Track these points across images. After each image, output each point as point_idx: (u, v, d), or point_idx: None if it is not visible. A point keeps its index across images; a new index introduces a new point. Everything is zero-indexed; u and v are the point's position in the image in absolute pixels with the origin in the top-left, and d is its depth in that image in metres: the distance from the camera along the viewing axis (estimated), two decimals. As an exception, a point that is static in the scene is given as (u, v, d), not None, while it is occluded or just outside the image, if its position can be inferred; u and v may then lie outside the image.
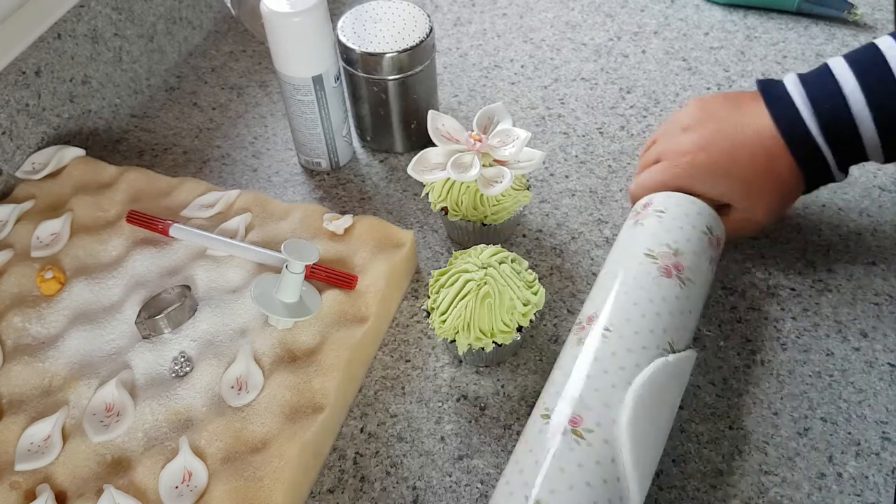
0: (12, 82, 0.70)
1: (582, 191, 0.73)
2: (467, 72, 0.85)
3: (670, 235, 0.55)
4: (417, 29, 0.70)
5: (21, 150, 0.73)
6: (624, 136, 0.77)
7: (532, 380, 0.60)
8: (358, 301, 0.61)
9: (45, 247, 0.66)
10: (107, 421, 0.55)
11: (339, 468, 0.56)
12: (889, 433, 0.55)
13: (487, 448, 0.56)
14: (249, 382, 0.56)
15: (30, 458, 0.53)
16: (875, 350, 0.60)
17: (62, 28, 0.74)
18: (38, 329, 0.61)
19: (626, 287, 0.53)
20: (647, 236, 0.56)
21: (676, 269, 0.54)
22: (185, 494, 0.51)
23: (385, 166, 0.76)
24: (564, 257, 0.67)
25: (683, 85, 0.82)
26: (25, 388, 0.58)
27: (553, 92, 0.82)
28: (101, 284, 0.63)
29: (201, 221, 0.67)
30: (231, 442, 0.54)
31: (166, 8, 0.86)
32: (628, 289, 0.53)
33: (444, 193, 0.64)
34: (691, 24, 0.89)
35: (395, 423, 0.58)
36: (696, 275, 0.54)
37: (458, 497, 0.54)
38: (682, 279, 0.53)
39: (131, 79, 0.84)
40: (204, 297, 0.62)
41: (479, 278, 0.55)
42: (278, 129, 0.81)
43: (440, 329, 0.57)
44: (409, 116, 0.74)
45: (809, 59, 0.83)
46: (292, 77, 0.68)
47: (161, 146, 0.80)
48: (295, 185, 0.75)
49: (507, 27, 0.91)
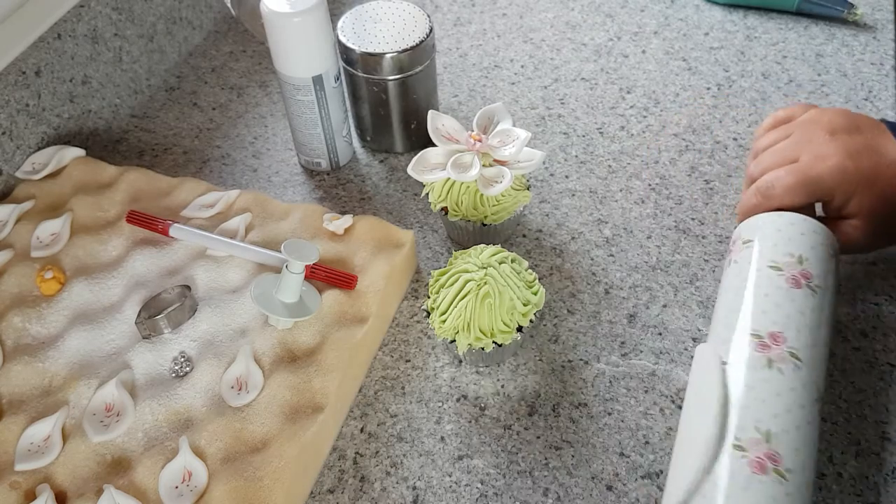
0: (12, 82, 0.70)
1: (582, 191, 0.73)
2: (467, 72, 0.85)
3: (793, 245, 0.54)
4: (417, 29, 0.70)
5: (21, 150, 0.73)
6: (624, 136, 0.77)
7: (532, 380, 0.60)
8: (358, 301, 0.61)
9: (45, 247, 0.66)
10: (107, 421, 0.55)
11: (339, 468, 0.56)
12: (889, 433, 0.55)
13: (487, 448, 0.56)
14: (249, 382, 0.56)
15: (30, 458, 0.53)
16: (875, 350, 0.60)
17: (62, 28, 0.74)
18: (38, 329, 0.61)
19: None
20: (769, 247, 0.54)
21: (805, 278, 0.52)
22: (185, 494, 0.51)
23: (385, 166, 0.76)
24: (564, 257, 0.67)
25: (683, 85, 0.82)
26: (25, 388, 0.58)
27: (553, 92, 0.82)
28: (101, 284, 0.63)
29: (201, 221, 0.67)
30: (231, 442, 0.54)
31: (166, 8, 0.86)
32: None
33: (444, 193, 0.64)
34: (691, 24, 0.89)
35: (395, 423, 0.58)
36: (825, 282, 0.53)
37: (458, 497, 0.54)
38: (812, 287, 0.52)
39: (131, 79, 0.84)
40: (204, 297, 0.62)
41: (479, 278, 0.55)
42: (278, 129, 0.81)
43: (440, 329, 0.57)
44: (409, 116, 0.74)
45: (809, 59, 0.83)
46: (292, 77, 0.68)
47: (161, 146, 0.80)
48: (295, 185, 0.75)
49: (507, 27, 0.91)
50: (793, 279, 0.52)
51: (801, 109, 0.63)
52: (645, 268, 0.66)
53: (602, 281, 0.66)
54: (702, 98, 0.80)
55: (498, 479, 0.54)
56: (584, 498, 0.53)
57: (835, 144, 0.58)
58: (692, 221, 0.69)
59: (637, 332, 0.62)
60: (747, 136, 0.76)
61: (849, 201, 0.58)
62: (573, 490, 0.54)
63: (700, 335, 0.61)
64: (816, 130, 0.60)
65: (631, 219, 0.70)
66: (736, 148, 0.75)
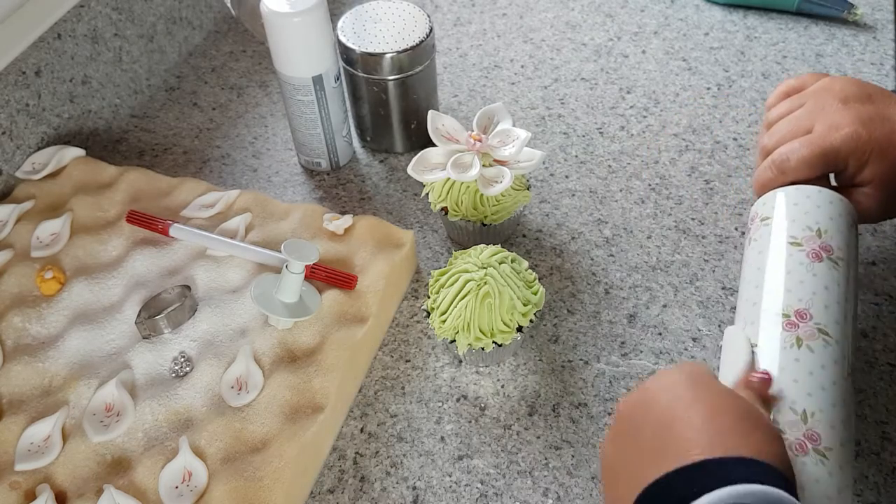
0: (12, 82, 0.70)
1: (582, 191, 0.73)
2: (467, 72, 0.85)
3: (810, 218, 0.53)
4: (417, 29, 0.70)
5: (21, 150, 0.73)
6: (624, 136, 0.77)
7: (532, 380, 0.60)
8: (358, 301, 0.61)
9: (45, 247, 0.66)
10: (107, 421, 0.55)
11: (339, 468, 0.56)
12: (889, 433, 0.55)
13: (487, 448, 0.56)
14: (249, 382, 0.56)
15: (30, 458, 0.53)
16: (875, 350, 0.60)
17: (62, 28, 0.74)
18: (38, 329, 0.61)
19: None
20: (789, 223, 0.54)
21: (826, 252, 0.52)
22: (185, 494, 0.51)
23: (385, 166, 0.76)
24: (564, 257, 0.67)
25: (683, 85, 0.82)
26: (25, 388, 0.58)
27: (553, 92, 0.82)
28: (101, 284, 0.63)
29: (201, 221, 0.67)
30: (231, 442, 0.54)
31: (166, 8, 0.86)
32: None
33: (444, 193, 0.64)
34: (691, 24, 0.89)
35: (395, 423, 0.58)
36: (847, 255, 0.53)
37: (458, 497, 0.54)
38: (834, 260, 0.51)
39: (131, 79, 0.84)
40: (204, 297, 0.62)
41: (479, 278, 0.55)
42: (278, 129, 0.81)
43: (440, 329, 0.57)
44: (409, 116, 0.74)
45: (809, 59, 0.83)
46: (292, 77, 0.68)
47: (161, 146, 0.80)
48: (295, 185, 0.75)
49: (507, 27, 0.91)
50: (814, 254, 0.51)
51: (811, 78, 0.63)
52: (645, 268, 0.66)
53: (602, 281, 0.66)
54: (702, 98, 0.80)
55: (498, 479, 0.54)
56: (584, 498, 0.53)
57: (848, 113, 0.58)
58: (692, 221, 0.69)
59: (637, 332, 0.62)
60: (747, 136, 0.76)
61: (862, 169, 0.57)
62: (573, 490, 0.54)
63: (700, 335, 0.61)
64: (829, 99, 0.59)
65: (631, 219, 0.70)
66: (736, 148, 0.75)
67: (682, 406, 0.40)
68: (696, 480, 0.36)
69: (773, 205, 0.55)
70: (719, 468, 0.36)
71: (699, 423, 0.39)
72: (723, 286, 0.64)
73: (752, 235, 0.56)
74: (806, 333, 0.48)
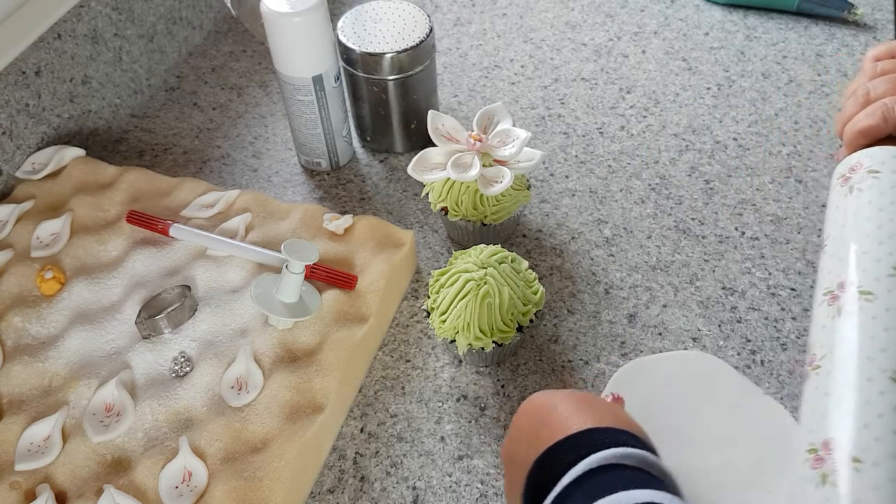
0: (12, 82, 0.70)
1: (582, 191, 0.73)
2: (467, 72, 0.85)
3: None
4: (417, 29, 0.70)
5: (21, 150, 0.73)
6: (624, 136, 0.77)
7: (532, 380, 0.60)
8: (358, 301, 0.61)
9: (45, 247, 0.66)
10: (107, 421, 0.55)
11: (339, 468, 0.56)
12: (889, 433, 0.55)
13: (487, 448, 0.56)
14: (249, 382, 0.56)
15: (30, 458, 0.53)
16: (875, 350, 0.60)
17: (62, 28, 0.74)
18: (38, 329, 0.61)
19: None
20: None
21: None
22: (185, 494, 0.51)
23: (385, 166, 0.76)
24: (564, 257, 0.67)
25: (683, 85, 0.82)
26: (25, 388, 0.58)
27: (553, 92, 0.82)
28: (101, 284, 0.63)
29: (201, 221, 0.67)
30: (231, 442, 0.54)
31: (166, 8, 0.86)
32: None
33: (444, 193, 0.64)
34: (691, 24, 0.89)
35: (395, 423, 0.58)
36: None
37: (458, 497, 0.54)
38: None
39: (131, 79, 0.84)
40: (204, 297, 0.62)
41: (479, 278, 0.55)
42: (278, 129, 0.81)
43: (440, 329, 0.57)
44: (409, 116, 0.74)
45: (809, 59, 0.83)
46: (292, 77, 0.68)
47: (161, 146, 0.80)
48: (295, 185, 0.75)
49: (507, 27, 0.91)
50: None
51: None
52: (645, 268, 0.66)
53: (602, 281, 0.66)
54: (702, 98, 0.80)
55: (498, 479, 0.54)
56: (584, 498, 0.53)
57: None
58: (692, 221, 0.69)
59: (637, 332, 0.62)
60: (747, 135, 0.76)
61: None
62: (573, 490, 0.54)
63: (700, 335, 0.61)
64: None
65: (631, 219, 0.70)
66: (736, 148, 0.75)
67: (559, 398, 0.46)
68: (579, 447, 0.41)
69: (882, 159, 0.55)
70: (600, 435, 0.42)
71: (574, 406, 0.45)
72: (723, 286, 0.64)
73: (854, 185, 0.55)
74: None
